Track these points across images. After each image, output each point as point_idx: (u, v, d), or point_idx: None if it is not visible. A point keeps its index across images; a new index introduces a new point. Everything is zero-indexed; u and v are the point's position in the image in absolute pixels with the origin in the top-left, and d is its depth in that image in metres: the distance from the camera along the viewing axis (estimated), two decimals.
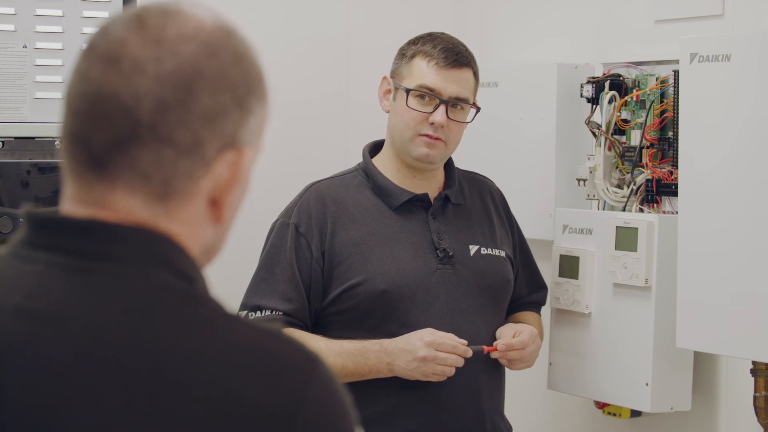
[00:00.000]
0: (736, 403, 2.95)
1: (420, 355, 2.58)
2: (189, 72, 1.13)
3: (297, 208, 2.74)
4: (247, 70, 1.18)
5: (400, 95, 2.74)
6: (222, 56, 1.16)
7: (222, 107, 1.15)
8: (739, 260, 2.61)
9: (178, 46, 1.14)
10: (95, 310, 1.11)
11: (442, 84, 2.71)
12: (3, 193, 2.91)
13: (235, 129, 1.17)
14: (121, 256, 1.13)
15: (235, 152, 1.17)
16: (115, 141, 1.13)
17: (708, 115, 2.68)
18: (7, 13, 3.00)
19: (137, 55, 1.13)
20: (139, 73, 1.12)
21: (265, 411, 1.09)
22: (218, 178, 1.16)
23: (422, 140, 2.71)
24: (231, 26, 1.19)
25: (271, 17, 3.63)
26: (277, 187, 3.15)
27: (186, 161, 1.14)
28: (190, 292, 1.15)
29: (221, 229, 1.21)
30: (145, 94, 1.12)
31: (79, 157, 1.15)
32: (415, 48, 2.76)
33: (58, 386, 1.08)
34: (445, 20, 3.69)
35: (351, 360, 2.59)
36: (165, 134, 1.13)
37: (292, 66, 3.65)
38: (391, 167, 2.78)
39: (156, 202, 1.15)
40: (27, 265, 1.15)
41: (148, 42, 1.14)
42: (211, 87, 1.14)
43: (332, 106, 3.72)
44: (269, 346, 1.14)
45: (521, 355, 2.70)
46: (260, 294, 2.68)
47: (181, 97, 1.13)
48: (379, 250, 2.69)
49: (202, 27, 1.16)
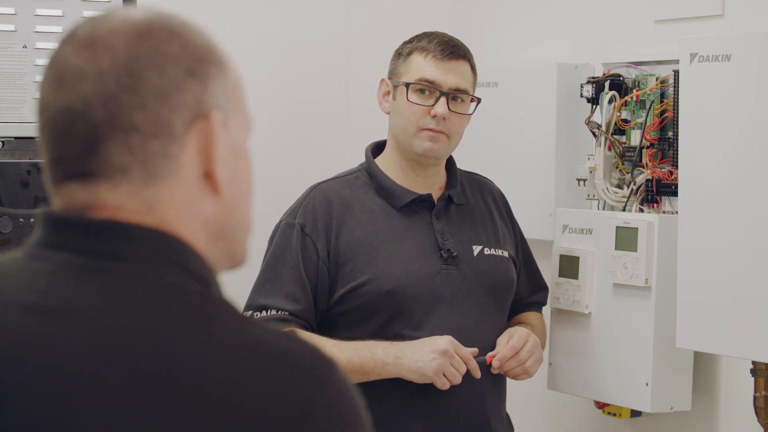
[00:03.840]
0: (736, 403, 2.95)
1: (442, 348, 2.59)
2: (126, 59, 1.15)
3: (302, 208, 2.73)
4: (188, 41, 1.18)
5: (400, 92, 2.74)
6: (155, 36, 1.17)
7: (172, 81, 1.16)
8: (739, 260, 2.61)
9: (108, 41, 1.16)
10: (109, 309, 1.11)
11: (442, 76, 2.71)
12: (3, 193, 2.91)
13: (196, 98, 1.17)
14: (135, 256, 1.14)
15: (203, 119, 1.17)
16: (84, 149, 1.15)
17: (708, 115, 2.68)
18: (7, 13, 3.01)
19: (75, 64, 1.15)
20: (81, 80, 1.15)
21: (279, 414, 1.09)
22: (198, 149, 1.17)
23: (425, 134, 2.71)
24: (163, 12, 1.20)
25: (271, 17, 3.63)
26: (276, 188, 3.16)
27: (156, 142, 1.15)
28: (204, 293, 1.15)
29: (226, 205, 1.20)
30: (91, 95, 1.14)
31: (58, 174, 1.17)
32: (411, 45, 2.77)
33: (71, 384, 1.08)
34: (445, 20, 3.69)
35: (356, 354, 2.59)
36: (124, 123, 1.14)
37: (291, 67, 3.65)
38: (395, 168, 2.78)
39: (142, 190, 1.15)
40: (41, 265, 1.15)
41: (81, 48, 1.16)
42: (153, 65, 1.15)
43: (332, 107, 3.72)
44: (284, 348, 1.13)
45: (518, 361, 2.70)
46: (265, 294, 2.67)
47: (126, 84, 1.14)
48: (385, 251, 2.69)
49: (130, 18, 1.18)
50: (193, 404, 1.08)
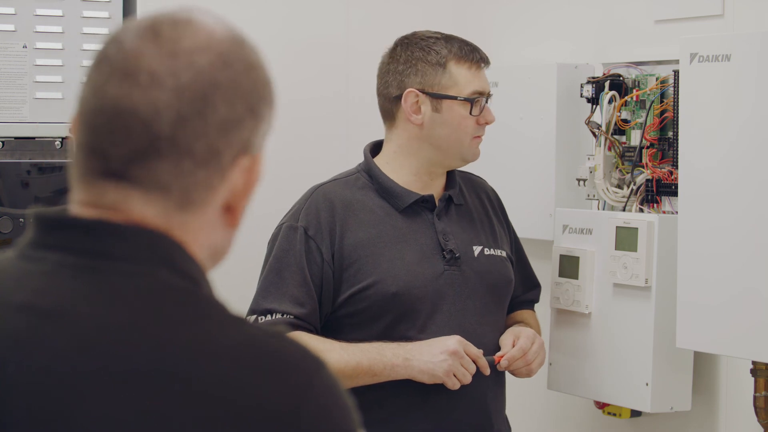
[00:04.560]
0: (736, 403, 2.95)
1: (452, 349, 2.59)
2: (205, 83, 1.15)
3: (305, 210, 2.72)
4: (258, 78, 1.20)
5: (450, 105, 2.72)
6: (235, 66, 1.17)
7: (237, 116, 1.17)
8: (739, 260, 2.61)
9: (193, 57, 1.15)
10: (101, 308, 1.12)
11: (486, 84, 2.79)
12: (3, 193, 2.91)
13: (249, 136, 1.18)
14: (127, 255, 1.14)
15: (249, 158, 1.19)
16: (134, 154, 1.14)
17: (708, 115, 2.68)
18: (7, 13, 3.01)
19: (153, 67, 1.14)
20: (157, 87, 1.13)
21: (267, 412, 1.10)
22: (234, 184, 1.18)
23: (476, 142, 2.77)
24: (241, 35, 1.21)
25: (271, 17, 3.63)
26: (277, 189, 3.15)
27: (203, 171, 1.15)
28: (195, 292, 1.16)
29: (233, 234, 1.22)
30: (163, 107, 1.13)
31: (95, 167, 1.16)
32: (442, 54, 2.73)
33: (64, 384, 1.09)
34: (445, 20, 3.69)
35: (365, 356, 2.58)
36: (184, 146, 1.14)
37: (291, 66, 3.65)
38: (405, 171, 2.75)
39: (174, 213, 1.16)
40: (34, 265, 1.15)
41: (164, 54, 1.14)
42: (227, 97, 1.16)
43: (332, 107, 3.72)
44: (272, 347, 1.14)
45: (525, 361, 2.71)
46: (270, 298, 2.65)
47: (198, 109, 1.14)
48: (389, 252, 2.69)
49: (215, 37, 1.17)
50: (183, 402, 1.08)
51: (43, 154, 2.96)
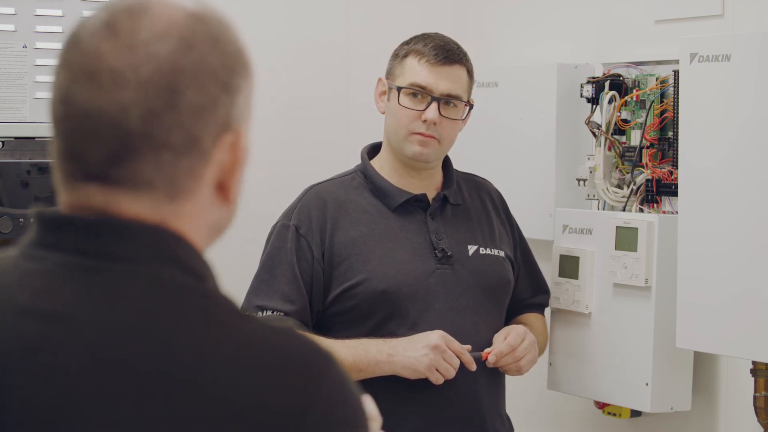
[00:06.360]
0: (736, 403, 2.95)
1: (433, 343, 2.59)
2: (169, 73, 1.11)
3: (297, 209, 2.74)
4: (227, 51, 1.16)
5: (393, 95, 2.75)
6: (200, 46, 1.13)
7: (210, 98, 1.13)
8: (739, 260, 2.61)
9: (152, 48, 1.11)
10: (105, 310, 1.11)
11: (434, 81, 2.71)
12: (3, 193, 2.91)
13: (227, 112, 1.15)
14: (130, 255, 1.13)
15: (231, 134, 1.16)
16: (111, 156, 1.12)
17: (708, 115, 2.68)
18: (7, 13, 3.00)
19: (114, 65, 1.11)
20: (121, 85, 1.10)
21: (277, 409, 1.09)
22: (221, 163, 1.16)
23: (415, 138, 2.71)
24: (203, 10, 1.16)
25: (271, 17, 3.63)
26: (277, 189, 3.16)
27: (186, 160, 1.13)
28: (200, 290, 1.15)
29: (230, 210, 1.20)
30: (130, 105, 1.10)
31: (76, 172, 1.14)
32: (408, 47, 2.77)
33: (69, 387, 1.08)
34: (445, 20, 3.69)
35: (350, 352, 2.59)
36: (159, 140, 1.11)
37: (292, 66, 3.65)
38: (390, 168, 2.78)
39: (165, 206, 1.14)
40: (35, 265, 1.14)
41: (123, 49, 1.11)
42: (195, 81, 1.12)
43: (332, 107, 3.72)
44: (281, 343, 1.13)
45: (514, 358, 2.70)
46: (261, 295, 2.68)
47: (167, 100, 1.11)
48: (379, 251, 2.70)
49: (174, 21, 1.13)
50: (192, 401, 1.08)
51: (43, 154, 2.96)
